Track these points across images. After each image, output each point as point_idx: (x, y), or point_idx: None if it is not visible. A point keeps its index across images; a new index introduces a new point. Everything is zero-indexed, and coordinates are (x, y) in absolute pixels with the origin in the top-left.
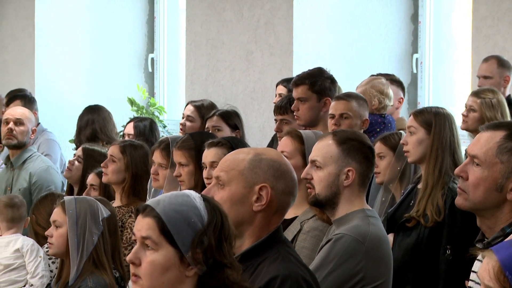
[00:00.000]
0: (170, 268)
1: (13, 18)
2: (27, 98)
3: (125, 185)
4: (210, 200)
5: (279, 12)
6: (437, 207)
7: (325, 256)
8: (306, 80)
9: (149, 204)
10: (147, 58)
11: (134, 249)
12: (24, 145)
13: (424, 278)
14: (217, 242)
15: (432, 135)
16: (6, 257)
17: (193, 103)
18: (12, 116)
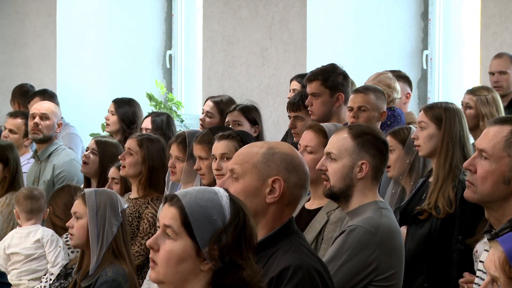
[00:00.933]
0: (186, 259)
1: (35, 16)
2: (47, 93)
3: (142, 178)
4: (236, 200)
5: (293, 9)
6: (448, 199)
7: (339, 247)
8: (319, 76)
9: (176, 195)
10: (165, 55)
11: (155, 235)
12: (50, 139)
13: (437, 267)
14: (236, 242)
15: (442, 130)
16: (27, 247)
17: (212, 99)
18: (38, 111)
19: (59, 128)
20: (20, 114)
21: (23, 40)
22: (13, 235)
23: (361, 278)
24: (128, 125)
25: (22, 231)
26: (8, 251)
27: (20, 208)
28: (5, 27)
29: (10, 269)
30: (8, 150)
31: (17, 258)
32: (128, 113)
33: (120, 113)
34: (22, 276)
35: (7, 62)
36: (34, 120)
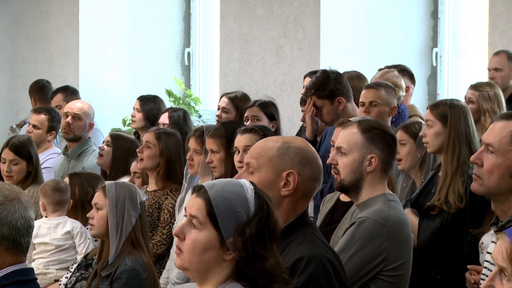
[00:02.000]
0: (210, 249)
1: (59, 14)
2: (69, 90)
3: (160, 170)
4: (261, 193)
5: (307, 9)
6: (458, 194)
7: (349, 238)
8: (313, 91)
9: (204, 186)
10: (183, 52)
11: (182, 224)
12: (80, 139)
13: (449, 260)
14: (259, 234)
15: (448, 128)
16: (57, 238)
17: (227, 95)
18: (71, 110)
19: (91, 128)
20: (44, 110)
21: (47, 38)
22: (40, 225)
23: (371, 268)
24: (152, 122)
25: (50, 222)
26: (35, 241)
27: (47, 200)
28: (30, 25)
29: (35, 258)
30: (29, 146)
31: (46, 248)
32: (153, 110)
33: (145, 110)
34: (50, 265)
35: (32, 59)
36: (66, 119)
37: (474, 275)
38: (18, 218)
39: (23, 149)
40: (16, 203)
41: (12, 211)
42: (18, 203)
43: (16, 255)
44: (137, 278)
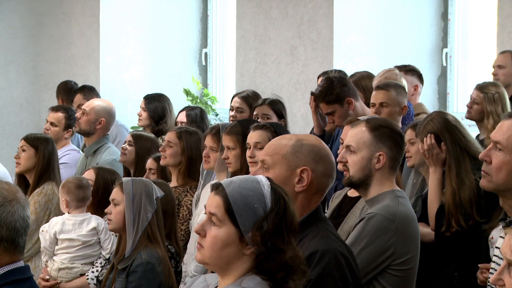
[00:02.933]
0: (230, 244)
1: (80, 16)
2: (86, 89)
3: (181, 167)
4: (277, 188)
5: (321, 10)
6: (467, 216)
7: (358, 233)
8: (321, 99)
9: (221, 184)
10: (201, 53)
11: (202, 222)
12: (89, 134)
13: (467, 256)
14: (276, 228)
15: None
16: (83, 234)
17: (239, 95)
18: (83, 106)
19: (101, 124)
20: (61, 108)
21: (69, 39)
22: (64, 221)
23: (379, 262)
24: (157, 120)
25: (74, 218)
26: (60, 237)
27: (71, 197)
28: (52, 27)
29: (58, 253)
30: (41, 140)
31: (72, 243)
32: (157, 109)
33: (149, 109)
34: (76, 260)
35: (54, 60)
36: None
37: (485, 273)
38: (17, 219)
39: (34, 139)
40: (15, 203)
41: (11, 212)
42: (17, 204)
43: (14, 254)
44: (153, 271)
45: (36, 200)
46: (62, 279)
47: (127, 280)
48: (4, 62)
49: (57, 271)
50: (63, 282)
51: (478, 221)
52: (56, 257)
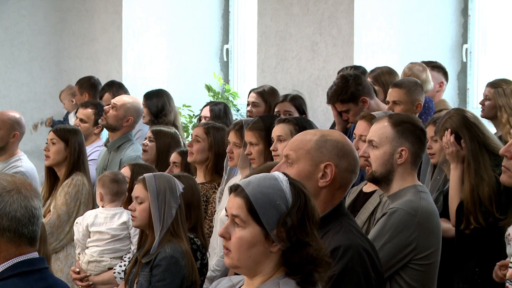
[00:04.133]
0: (256, 244)
1: (103, 13)
2: (114, 86)
3: (208, 163)
4: (296, 183)
5: (341, 6)
6: (487, 213)
7: (380, 228)
8: (335, 99)
9: (240, 185)
10: (222, 49)
11: (225, 225)
12: (115, 129)
13: (487, 252)
14: (300, 222)
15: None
16: (114, 228)
17: (255, 90)
18: (113, 100)
19: (128, 122)
20: (91, 105)
21: (91, 35)
22: (96, 214)
23: (401, 257)
24: (156, 115)
25: (107, 212)
26: (91, 229)
27: (105, 191)
28: (76, 23)
29: (90, 246)
30: (71, 132)
31: (101, 236)
32: (155, 104)
33: (148, 106)
34: (105, 254)
35: (78, 56)
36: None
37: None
38: (17, 208)
39: (63, 132)
40: (15, 193)
41: (10, 202)
42: (17, 194)
43: (20, 246)
44: (176, 265)
45: (67, 191)
46: (91, 272)
47: (150, 274)
48: (28, 58)
49: (87, 263)
50: (92, 275)
51: (498, 218)
52: (87, 249)
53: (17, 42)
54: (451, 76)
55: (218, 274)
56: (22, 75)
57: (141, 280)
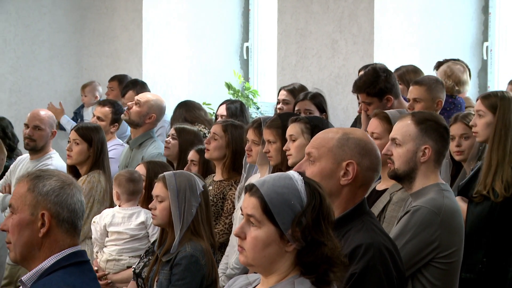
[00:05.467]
0: (271, 244)
1: (123, 11)
2: (138, 85)
3: (226, 161)
4: (311, 183)
5: (362, 4)
6: (506, 183)
7: (403, 226)
8: (363, 89)
9: (255, 184)
10: (242, 47)
11: (241, 224)
12: (137, 125)
13: (496, 243)
14: (315, 221)
15: (496, 117)
16: (132, 227)
17: (285, 88)
18: (136, 97)
19: (151, 119)
20: (108, 103)
21: (112, 33)
22: (114, 214)
23: (424, 255)
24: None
25: (124, 211)
26: (109, 229)
27: (122, 190)
28: (96, 21)
29: (108, 244)
30: (94, 131)
31: (120, 236)
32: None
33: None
34: (124, 252)
35: (98, 54)
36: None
37: None
38: (76, 201)
39: (87, 131)
40: (73, 187)
41: (70, 195)
42: (74, 188)
43: (73, 237)
44: (196, 263)
45: None
46: (109, 271)
47: (171, 273)
48: (48, 56)
49: (105, 262)
50: (110, 274)
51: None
52: (106, 248)
53: (37, 40)
54: (472, 74)
55: (237, 272)
56: (43, 73)
57: (161, 279)
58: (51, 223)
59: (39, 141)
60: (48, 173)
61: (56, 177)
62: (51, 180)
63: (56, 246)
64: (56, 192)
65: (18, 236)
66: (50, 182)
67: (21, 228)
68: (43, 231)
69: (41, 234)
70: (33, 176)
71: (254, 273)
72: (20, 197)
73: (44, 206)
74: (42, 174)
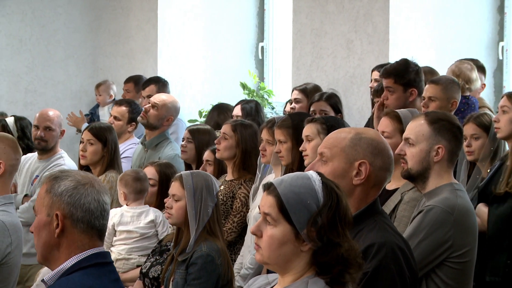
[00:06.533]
0: (286, 243)
1: (138, 10)
2: (161, 82)
3: (236, 160)
4: (329, 183)
5: (377, 4)
6: None
7: (417, 225)
8: (393, 74)
9: (273, 183)
10: (257, 47)
11: (257, 222)
12: (155, 128)
13: None
14: (331, 222)
15: None
16: (141, 226)
17: (297, 87)
18: (153, 99)
19: (168, 121)
20: (125, 103)
21: (127, 33)
22: (122, 213)
23: (437, 254)
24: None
25: (133, 210)
26: (118, 228)
27: (129, 190)
28: (111, 21)
29: (116, 244)
30: (107, 131)
31: (130, 235)
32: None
33: None
34: (133, 251)
35: (113, 54)
36: (146, 105)
37: None
38: (91, 201)
39: (100, 131)
40: (89, 187)
41: (84, 195)
42: (91, 187)
43: (92, 237)
44: (212, 263)
45: None
46: (119, 270)
47: (186, 272)
48: (64, 56)
49: (115, 261)
50: (120, 273)
51: None
52: (114, 247)
53: (53, 40)
54: (487, 74)
55: (251, 272)
56: (58, 73)
57: (177, 278)
58: (65, 223)
59: (50, 142)
60: (65, 173)
61: (72, 177)
62: (66, 181)
63: (74, 246)
64: (70, 192)
65: (38, 237)
66: (65, 183)
67: (40, 229)
68: (57, 231)
69: (56, 235)
70: (53, 177)
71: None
72: (40, 199)
73: (58, 207)
74: (60, 175)
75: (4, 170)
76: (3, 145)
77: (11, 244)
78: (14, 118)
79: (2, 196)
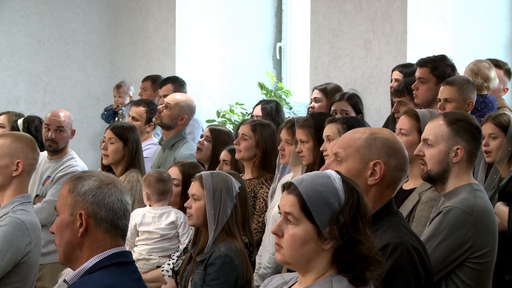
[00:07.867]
0: (309, 241)
1: (156, 11)
2: (178, 82)
3: (256, 160)
4: (349, 181)
5: (395, 4)
6: None
7: (436, 226)
8: (429, 64)
9: (293, 182)
10: (275, 47)
11: (278, 222)
12: (170, 128)
13: None
14: (352, 220)
15: None
16: (162, 227)
17: (317, 87)
18: (166, 99)
19: (183, 121)
20: (143, 103)
21: (145, 34)
22: (144, 214)
23: (457, 255)
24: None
25: (154, 211)
26: (140, 229)
27: (152, 190)
28: (130, 21)
29: (138, 244)
30: (129, 131)
31: (150, 236)
32: None
33: None
34: (154, 252)
35: (131, 54)
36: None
37: None
38: (115, 201)
39: (122, 131)
40: (112, 187)
41: (108, 194)
42: (114, 187)
43: (115, 237)
44: (231, 263)
45: None
46: (139, 270)
47: (205, 272)
48: (82, 56)
49: (136, 261)
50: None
51: None
52: (136, 247)
53: (71, 40)
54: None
55: (269, 271)
56: (77, 73)
57: (195, 278)
58: (88, 222)
59: (61, 143)
60: (88, 173)
61: (96, 177)
62: (90, 180)
63: (97, 246)
64: (93, 191)
65: (60, 237)
66: (88, 182)
67: (62, 228)
68: (81, 230)
69: (79, 234)
70: (75, 177)
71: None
72: (62, 199)
73: (82, 206)
74: (83, 175)
75: (22, 169)
76: (22, 144)
77: (31, 243)
78: (23, 120)
79: (20, 196)
